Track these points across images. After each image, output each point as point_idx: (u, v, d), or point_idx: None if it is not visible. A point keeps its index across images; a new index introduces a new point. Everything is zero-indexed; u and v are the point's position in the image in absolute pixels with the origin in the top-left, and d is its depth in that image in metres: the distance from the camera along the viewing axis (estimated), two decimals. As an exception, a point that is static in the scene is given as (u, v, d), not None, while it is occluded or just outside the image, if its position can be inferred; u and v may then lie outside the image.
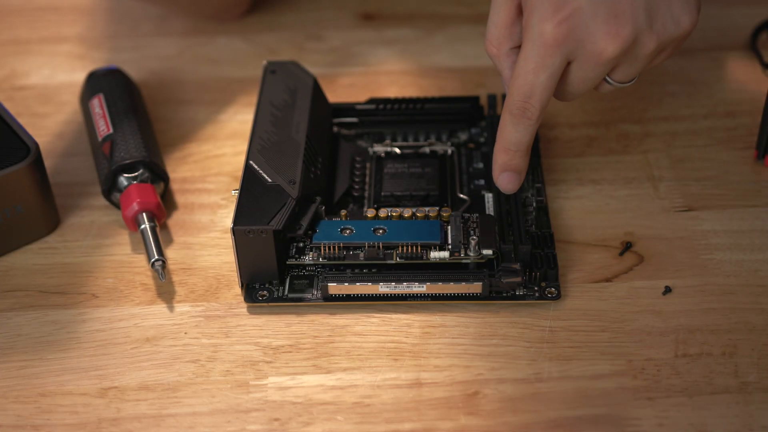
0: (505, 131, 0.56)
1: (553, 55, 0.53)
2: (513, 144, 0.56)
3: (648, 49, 0.53)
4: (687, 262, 0.58)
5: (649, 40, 0.53)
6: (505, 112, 0.55)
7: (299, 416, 0.51)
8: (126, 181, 0.61)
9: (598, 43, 0.52)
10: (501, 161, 0.57)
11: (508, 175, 0.57)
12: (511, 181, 0.57)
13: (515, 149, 0.56)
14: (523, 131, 0.55)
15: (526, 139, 0.56)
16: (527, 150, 0.56)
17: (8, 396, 0.53)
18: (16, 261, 0.60)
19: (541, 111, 0.54)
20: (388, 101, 0.66)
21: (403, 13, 0.79)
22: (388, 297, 0.56)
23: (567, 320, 0.55)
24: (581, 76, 0.54)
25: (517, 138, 0.55)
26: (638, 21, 0.52)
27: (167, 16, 0.79)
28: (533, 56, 0.53)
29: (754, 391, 0.51)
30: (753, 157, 0.64)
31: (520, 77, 0.54)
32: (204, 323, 0.56)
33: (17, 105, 0.71)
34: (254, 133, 0.60)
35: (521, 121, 0.55)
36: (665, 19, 0.53)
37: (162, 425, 0.51)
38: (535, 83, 0.53)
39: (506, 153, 0.56)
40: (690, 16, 0.53)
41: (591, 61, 0.53)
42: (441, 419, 0.51)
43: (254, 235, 0.55)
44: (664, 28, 0.53)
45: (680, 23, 0.53)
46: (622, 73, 0.55)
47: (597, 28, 0.52)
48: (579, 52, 0.53)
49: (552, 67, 0.53)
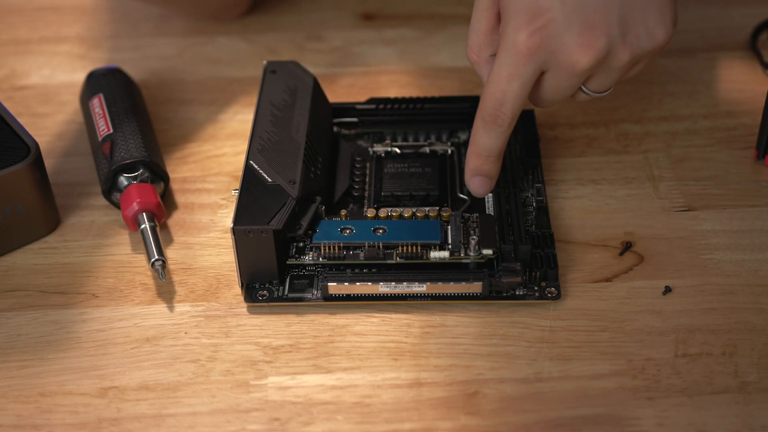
0: (477, 136, 0.56)
1: (526, 65, 0.53)
2: (485, 149, 0.56)
3: (621, 62, 0.53)
4: (687, 262, 0.58)
5: (622, 53, 0.53)
6: (477, 117, 0.56)
7: (299, 416, 0.51)
8: (126, 181, 0.61)
9: (572, 54, 0.52)
10: (473, 165, 0.57)
11: (479, 179, 0.58)
12: (482, 185, 0.58)
13: (487, 155, 0.57)
14: (495, 137, 0.56)
15: (498, 146, 0.56)
16: (499, 156, 0.57)
17: (8, 396, 0.53)
18: (17, 261, 0.60)
19: (512, 118, 0.55)
20: (388, 101, 0.66)
21: (403, 13, 0.79)
22: (388, 297, 0.56)
23: (567, 320, 0.55)
24: (555, 86, 0.55)
25: (488, 144, 0.56)
26: (612, 33, 0.52)
27: (167, 16, 0.79)
28: (506, 64, 0.53)
29: (754, 391, 0.51)
30: (753, 157, 0.64)
31: (493, 84, 0.54)
32: (204, 323, 0.56)
33: (17, 105, 0.71)
34: (254, 133, 0.60)
35: (493, 127, 0.55)
36: (639, 31, 0.53)
37: (162, 425, 0.51)
38: (508, 91, 0.54)
39: (478, 158, 0.57)
40: (664, 29, 0.53)
41: (564, 71, 0.53)
42: (441, 419, 0.51)
43: (254, 234, 0.55)
44: (638, 41, 0.53)
45: (654, 36, 0.53)
46: (597, 83, 0.55)
47: (570, 39, 0.52)
48: (552, 63, 0.53)
49: (524, 76, 0.53)
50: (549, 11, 0.52)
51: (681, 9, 0.77)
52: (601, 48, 0.52)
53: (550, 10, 0.52)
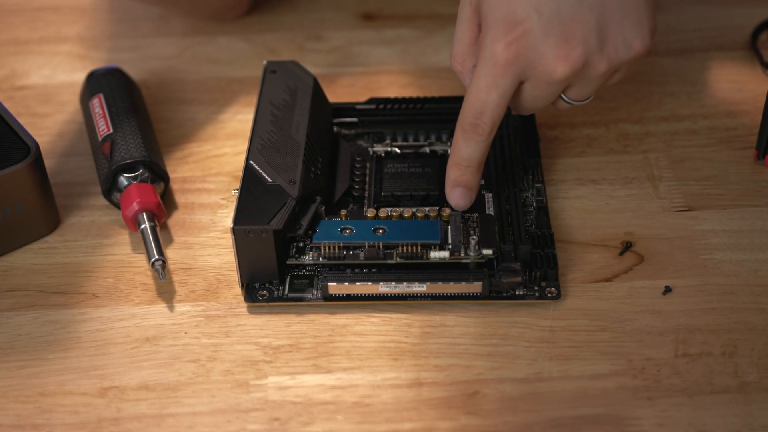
0: (457, 147, 0.57)
1: (504, 75, 0.53)
2: (464, 159, 0.57)
3: (599, 71, 0.54)
4: (687, 262, 0.58)
5: (599, 63, 0.53)
6: (457, 128, 0.56)
7: (299, 416, 0.51)
8: (126, 181, 0.61)
9: (548, 65, 0.53)
10: (453, 176, 0.57)
11: (459, 191, 0.58)
12: (463, 197, 0.58)
13: (466, 165, 0.57)
14: (474, 147, 0.56)
15: (477, 155, 0.56)
16: (479, 166, 0.57)
17: (8, 396, 0.53)
18: (17, 261, 0.60)
19: (491, 128, 0.55)
20: (388, 101, 0.66)
21: (403, 13, 0.79)
22: (388, 297, 0.56)
23: (567, 320, 0.55)
24: (534, 95, 0.55)
25: (468, 153, 0.56)
26: (589, 44, 0.53)
27: (167, 16, 0.79)
28: (485, 75, 0.54)
29: (754, 391, 0.51)
30: (753, 157, 0.64)
31: (472, 94, 0.55)
32: (204, 323, 0.56)
33: (17, 105, 0.71)
34: (254, 133, 0.60)
35: (472, 137, 0.56)
36: (616, 42, 0.53)
37: (162, 425, 0.51)
38: (486, 101, 0.54)
39: (458, 168, 0.57)
40: (642, 40, 0.53)
41: (542, 81, 0.54)
42: (441, 419, 0.51)
43: (254, 234, 0.55)
44: (615, 51, 0.53)
45: (632, 46, 0.53)
46: (576, 92, 0.56)
47: (547, 50, 0.53)
48: (530, 73, 0.54)
49: (503, 86, 0.54)
50: (525, 22, 0.52)
51: (681, 9, 0.77)
52: (577, 58, 0.53)
53: (527, 20, 0.52)
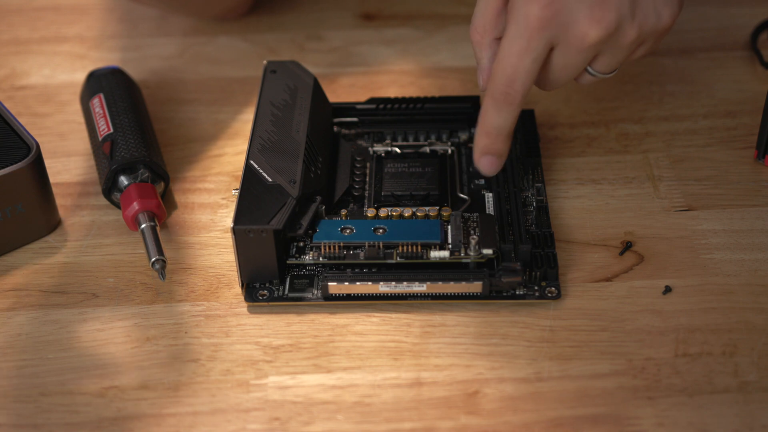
0: (487, 116, 0.56)
1: (537, 38, 0.53)
2: (494, 128, 0.56)
3: (629, 38, 0.54)
4: (687, 262, 0.58)
5: (630, 29, 0.53)
6: (487, 96, 0.55)
7: (299, 415, 0.51)
8: (126, 181, 0.61)
9: (582, 27, 0.53)
10: (482, 145, 0.57)
11: (489, 158, 0.57)
12: (492, 164, 0.57)
13: (497, 133, 0.56)
14: (506, 116, 0.55)
15: (508, 124, 0.56)
16: (509, 134, 0.56)
17: (9, 395, 0.53)
18: (17, 260, 0.60)
19: (523, 96, 0.54)
20: (388, 101, 0.66)
21: (403, 13, 0.79)
22: (389, 296, 0.56)
23: (567, 320, 0.55)
24: (563, 63, 0.55)
25: (498, 122, 0.55)
26: (622, 9, 0.53)
27: (167, 16, 0.79)
28: (517, 38, 0.53)
29: (754, 390, 0.51)
30: (753, 157, 0.64)
31: (504, 60, 0.54)
32: (204, 323, 0.56)
33: (18, 105, 0.71)
34: (254, 133, 0.60)
35: (504, 106, 0.55)
36: (648, 10, 0.54)
37: (162, 424, 0.51)
38: (519, 67, 0.54)
39: (488, 137, 0.56)
40: (671, 10, 0.54)
41: (574, 46, 0.53)
42: (441, 418, 0.51)
43: (254, 234, 0.55)
44: (646, 19, 0.54)
45: (661, 16, 0.54)
46: (603, 63, 0.55)
47: (582, 12, 0.53)
48: (562, 37, 0.53)
49: (536, 50, 0.53)
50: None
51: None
52: (610, 22, 0.53)
53: None
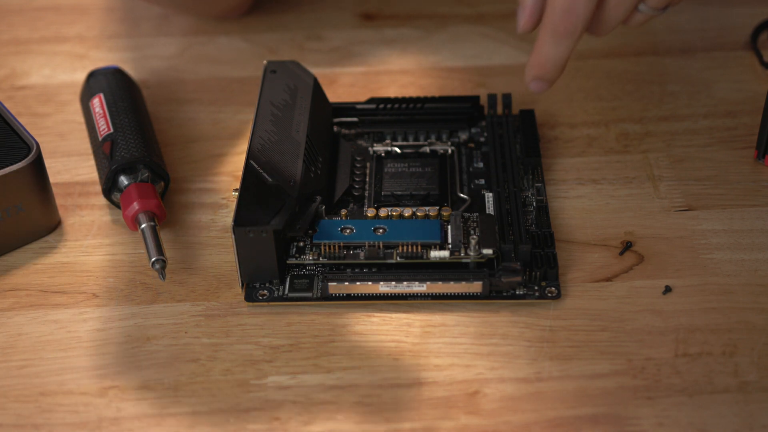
0: (543, 48, 0.55)
1: None
2: (551, 60, 0.55)
3: None
4: (687, 262, 0.58)
5: None
6: (544, 29, 0.54)
7: (299, 415, 0.51)
8: (126, 181, 0.61)
9: None
10: (535, 72, 0.56)
11: (539, 83, 0.57)
12: (542, 88, 0.57)
13: (552, 65, 0.55)
14: (564, 49, 0.54)
15: (565, 56, 0.55)
16: (564, 65, 0.55)
17: (8, 395, 0.53)
18: (17, 260, 0.60)
19: (583, 26, 0.53)
20: (388, 101, 0.66)
21: (403, 13, 0.79)
22: (389, 296, 0.56)
23: (567, 320, 0.55)
24: None
25: (554, 55, 0.55)
26: None
27: (168, 16, 0.79)
28: None
29: (754, 390, 0.51)
30: (753, 157, 0.64)
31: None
32: (204, 322, 0.56)
33: (18, 105, 0.71)
34: (254, 133, 0.60)
35: (561, 39, 0.54)
36: None
37: (162, 424, 0.51)
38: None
39: (542, 68, 0.56)
40: None
41: None
42: (441, 419, 0.51)
43: (254, 234, 0.55)
44: None
45: None
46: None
47: None
48: None
49: None
50: None
51: (681, 9, 0.77)
52: None
53: None
